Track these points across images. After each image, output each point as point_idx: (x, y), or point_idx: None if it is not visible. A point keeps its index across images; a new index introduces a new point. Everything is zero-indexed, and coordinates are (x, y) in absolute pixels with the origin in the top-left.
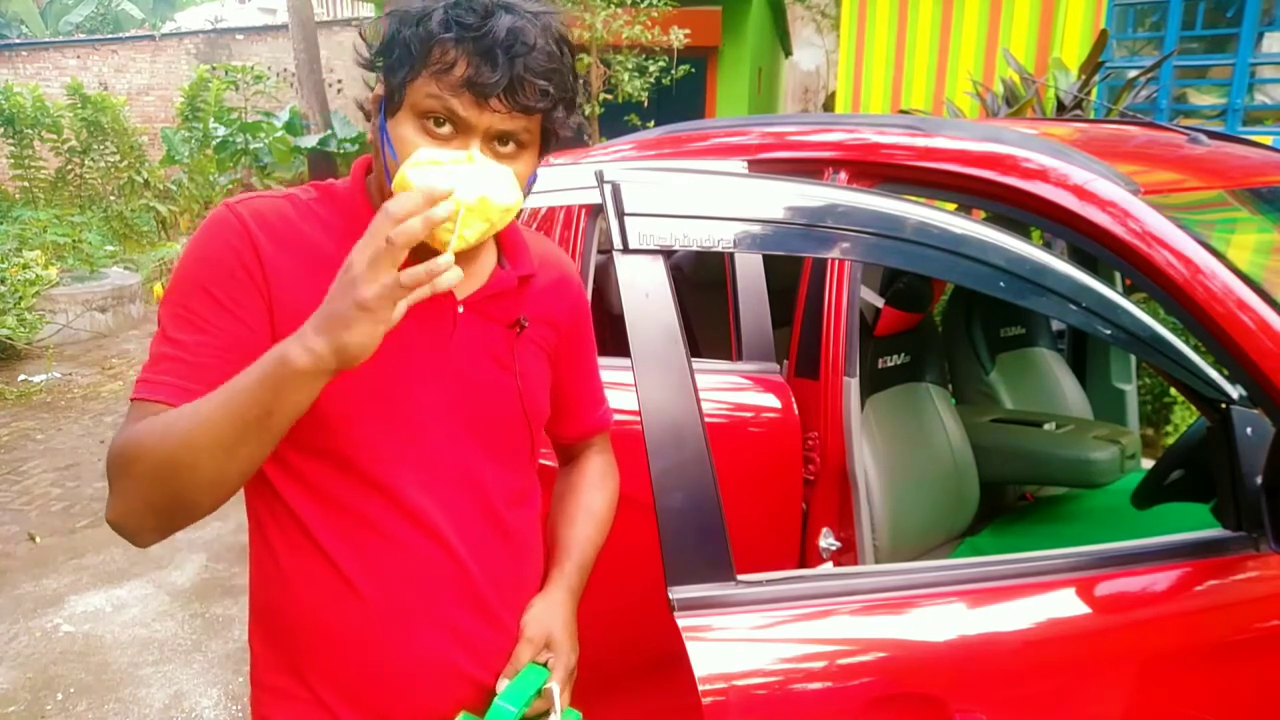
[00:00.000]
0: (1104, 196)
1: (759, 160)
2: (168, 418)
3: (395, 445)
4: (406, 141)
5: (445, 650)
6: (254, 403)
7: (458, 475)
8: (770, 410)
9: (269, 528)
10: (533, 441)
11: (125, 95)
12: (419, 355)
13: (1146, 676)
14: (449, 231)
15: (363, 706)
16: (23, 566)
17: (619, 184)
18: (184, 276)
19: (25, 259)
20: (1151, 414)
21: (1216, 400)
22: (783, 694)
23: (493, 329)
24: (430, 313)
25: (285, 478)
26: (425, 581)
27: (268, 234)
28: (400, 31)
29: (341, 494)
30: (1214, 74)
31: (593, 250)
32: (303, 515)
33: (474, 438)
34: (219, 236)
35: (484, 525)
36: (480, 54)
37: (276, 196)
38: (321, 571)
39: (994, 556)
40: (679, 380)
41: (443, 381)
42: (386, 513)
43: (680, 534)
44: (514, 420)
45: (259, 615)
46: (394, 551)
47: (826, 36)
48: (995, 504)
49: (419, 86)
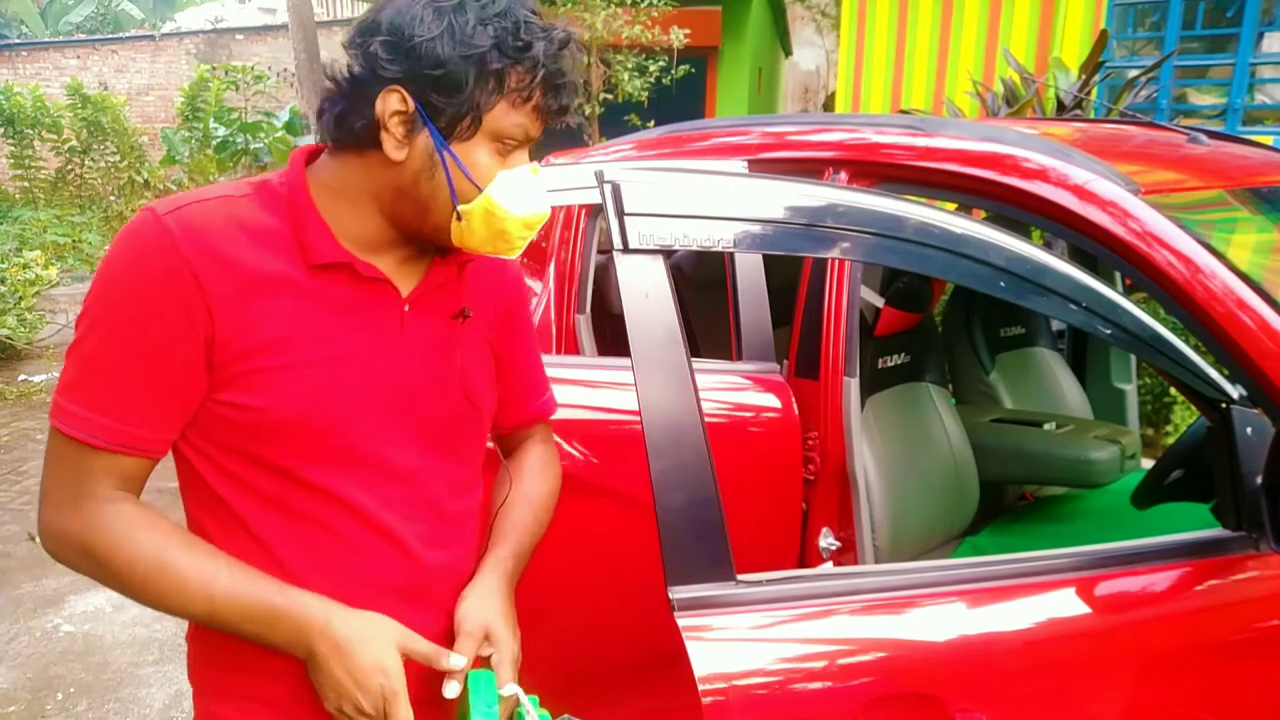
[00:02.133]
0: (1104, 196)
1: (759, 160)
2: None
3: (341, 451)
4: (486, 167)
5: None
6: (222, 617)
7: (404, 474)
8: (770, 410)
9: (209, 526)
10: (480, 434)
11: (125, 95)
12: (367, 360)
13: (1146, 676)
14: (524, 239)
15: (307, 700)
16: (23, 566)
17: (619, 184)
18: (112, 304)
19: (25, 259)
20: (1151, 414)
21: (1216, 400)
22: (783, 694)
23: (437, 323)
24: (378, 315)
25: (226, 481)
26: (371, 576)
27: (203, 250)
28: (484, 62)
29: (286, 497)
30: (1214, 74)
31: (593, 250)
32: (246, 516)
33: (421, 436)
34: (149, 263)
35: (430, 519)
36: (554, 85)
37: (210, 200)
38: (266, 569)
39: (994, 556)
40: (679, 380)
41: (390, 383)
42: (331, 512)
43: (680, 534)
44: (461, 415)
45: None
46: (340, 548)
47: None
48: (995, 504)
49: (500, 115)
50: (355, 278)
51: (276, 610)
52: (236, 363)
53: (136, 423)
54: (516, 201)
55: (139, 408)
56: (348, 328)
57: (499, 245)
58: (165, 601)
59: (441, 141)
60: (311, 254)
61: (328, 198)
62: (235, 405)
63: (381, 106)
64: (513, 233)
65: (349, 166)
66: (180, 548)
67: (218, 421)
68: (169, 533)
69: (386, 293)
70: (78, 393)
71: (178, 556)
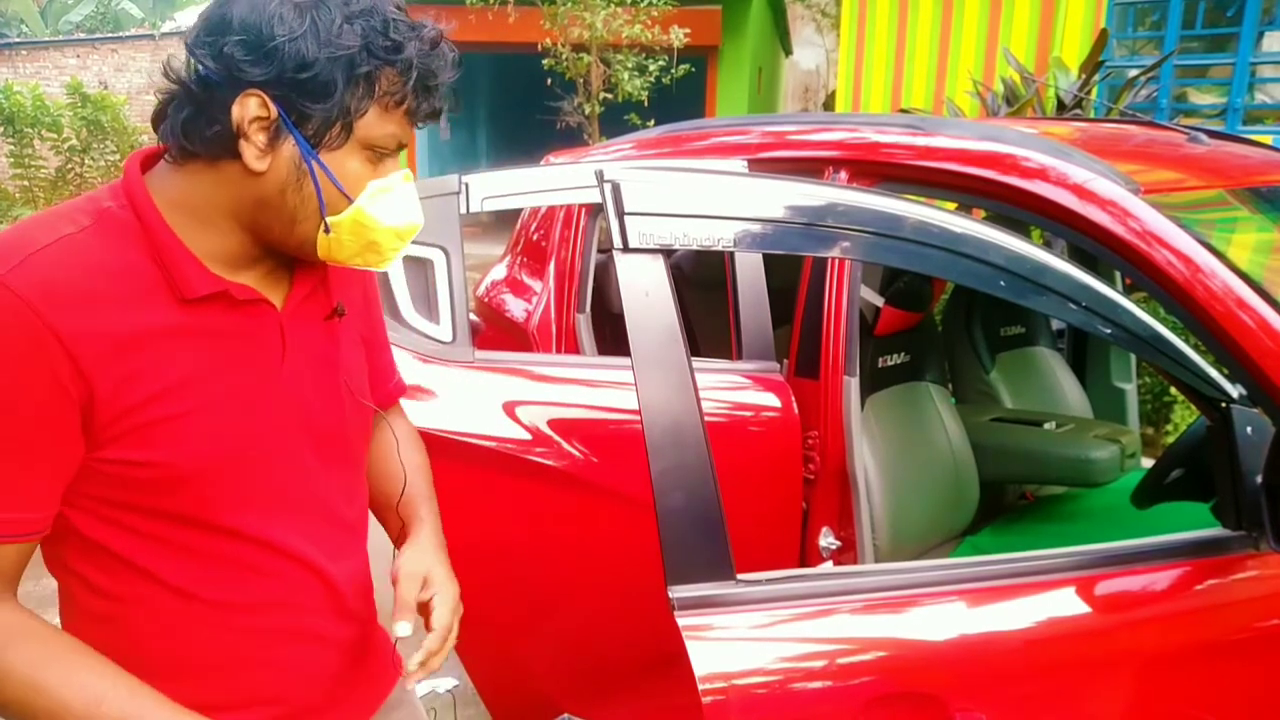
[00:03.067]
0: (1104, 196)
1: (759, 159)
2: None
3: (247, 488)
4: (356, 176)
5: (316, 657)
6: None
7: (304, 496)
8: (770, 410)
9: (93, 577)
10: (367, 433)
11: (125, 94)
12: (258, 387)
13: (1146, 676)
14: (396, 250)
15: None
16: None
17: (619, 183)
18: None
19: None
20: (1151, 413)
21: (1216, 399)
22: (783, 693)
23: (315, 328)
24: (258, 338)
25: (113, 532)
26: (285, 600)
27: (61, 307)
28: (354, 66)
29: (188, 539)
30: (1214, 73)
31: (593, 250)
32: (141, 562)
33: (318, 450)
34: (12, 344)
35: (333, 532)
36: (427, 86)
37: (51, 246)
38: (179, 614)
39: (994, 556)
40: (679, 380)
41: (284, 405)
42: (238, 548)
43: (680, 534)
44: (351, 418)
45: None
46: (251, 578)
47: (826, 36)
48: (995, 503)
49: (371, 122)
50: (231, 303)
51: (146, 713)
52: (123, 419)
53: (13, 508)
54: (389, 212)
55: (14, 492)
56: (232, 358)
57: (369, 258)
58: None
59: (309, 150)
60: (183, 288)
61: (180, 216)
62: (129, 462)
63: (239, 113)
64: (384, 244)
65: (199, 179)
66: (60, 666)
67: (105, 479)
68: (49, 646)
69: (263, 311)
70: None
71: (57, 677)
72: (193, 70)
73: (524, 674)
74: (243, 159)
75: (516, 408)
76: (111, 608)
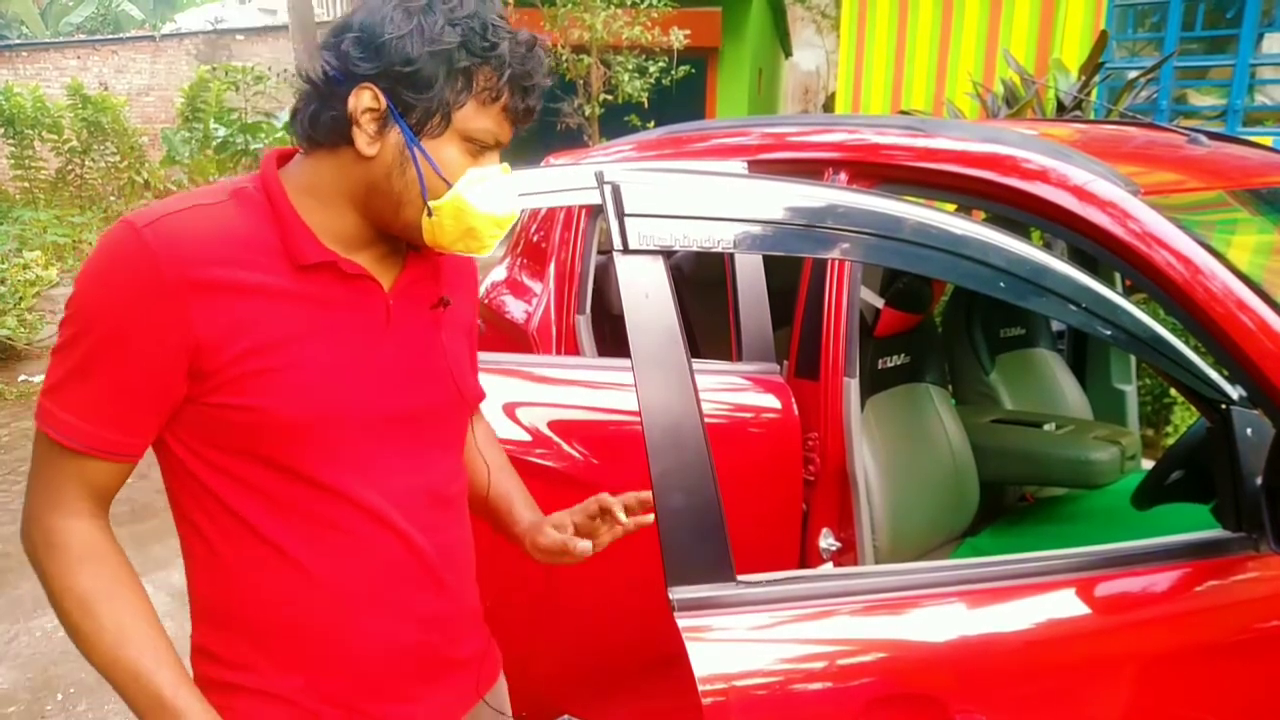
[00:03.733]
0: (1104, 197)
1: (759, 161)
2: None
3: (341, 446)
4: (454, 164)
5: (405, 631)
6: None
7: (403, 465)
8: (770, 411)
9: (208, 529)
10: (465, 420)
11: (125, 96)
12: (359, 354)
13: (1146, 677)
14: (495, 238)
15: (325, 695)
16: (23, 566)
17: (619, 184)
18: (91, 314)
19: (25, 259)
20: (1151, 414)
21: (1216, 401)
22: (783, 694)
23: (420, 314)
24: (365, 310)
25: (223, 481)
26: (380, 568)
27: (182, 261)
28: (452, 61)
29: (288, 494)
30: (1214, 75)
31: (593, 250)
32: (245, 514)
33: (415, 425)
34: (125, 276)
35: (430, 505)
36: (524, 88)
37: (186, 210)
38: (273, 566)
39: (994, 557)
40: (679, 381)
41: (382, 376)
42: (334, 507)
43: (680, 534)
44: (450, 402)
45: (208, 617)
46: (346, 542)
47: (826, 37)
48: (995, 504)
49: (470, 115)
50: (340, 275)
51: (164, 703)
52: (229, 367)
53: (108, 426)
54: (485, 199)
55: (112, 412)
56: (337, 324)
57: (470, 243)
58: (76, 639)
59: (412, 137)
60: (296, 256)
61: (305, 198)
62: (233, 407)
63: (354, 103)
64: (482, 230)
65: (323, 166)
66: (109, 598)
67: (215, 424)
68: (111, 575)
69: (370, 288)
70: (59, 395)
71: (105, 606)
72: (319, 70)
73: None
74: (355, 145)
75: (517, 409)
76: (213, 556)
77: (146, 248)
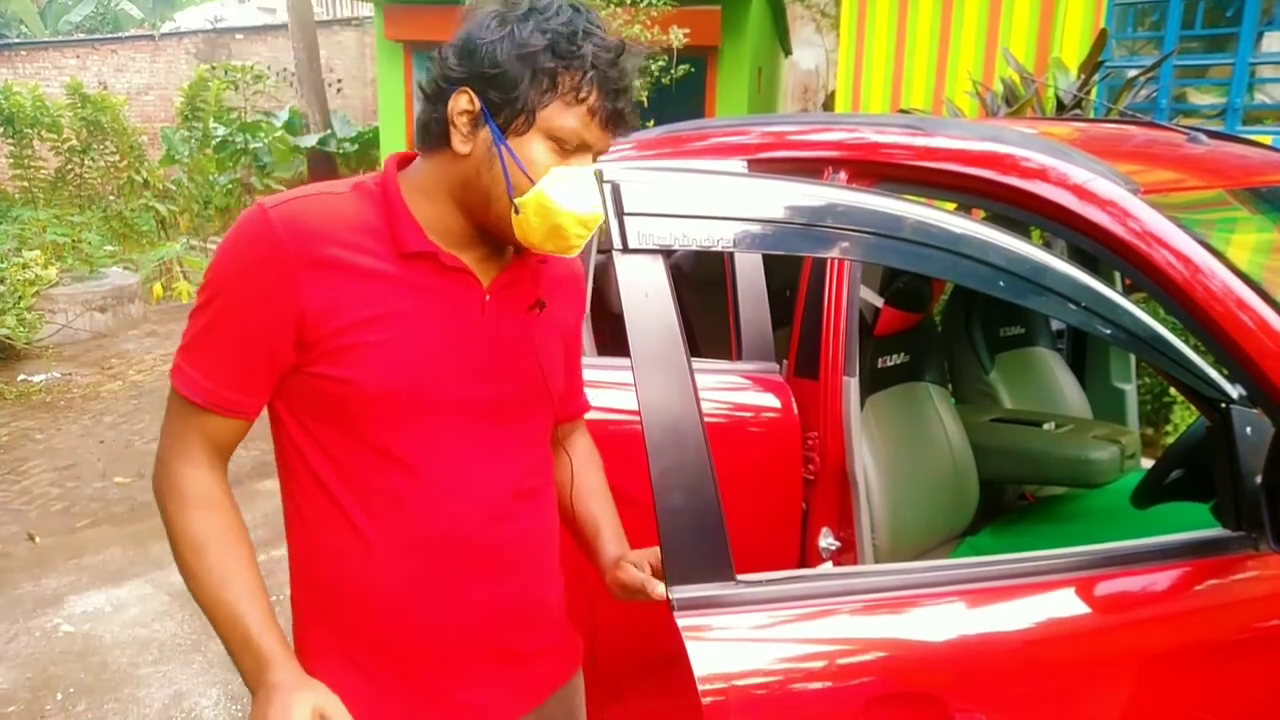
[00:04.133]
0: (1104, 196)
1: (759, 160)
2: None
3: (424, 430)
4: (539, 162)
5: (461, 615)
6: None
7: (482, 454)
8: (770, 410)
9: (296, 492)
10: (550, 419)
11: (125, 95)
12: (449, 340)
13: (1146, 676)
14: (581, 237)
15: (384, 656)
16: (23, 566)
17: (619, 184)
18: (220, 283)
19: (25, 259)
20: (1151, 414)
21: (1216, 400)
22: (783, 694)
23: (516, 313)
24: (460, 302)
25: (314, 448)
26: (440, 550)
27: (299, 238)
28: (537, 61)
29: (365, 466)
30: (1214, 73)
31: (593, 250)
32: (328, 481)
33: (498, 416)
34: (250, 250)
35: (506, 496)
36: (611, 88)
37: (310, 196)
38: (343, 533)
39: (994, 556)
40: (679, 380)
41: (470, 364)
42: (407, 485)
43: (680, 534)
44: (536, 399)
45: (295, 574)
46: (411, 519)
47: (826, 36)
48: (995, 504)
49: (554, 113)
50: (439, 267)
51: (250, 640)
52: (328, 340)
53: (227, 385)
54: (568, 197)
55: (231, 372)
56: (432, 310)
57: (557, 242)
58: (185, 578)
59: (499, 135)
60: (401, 244)
61: (415, 195)
62: (327, 377)
63: (452, 105)
64: (567, 229)
65: (430, 165)
66: (218, 545)
67: (312, 392)
68: (221, 524)
69: (468, 282)
70: (189, 354)
71: (214, 550)
72: (430, 79)
73: None
74: (452, 144)
75: None
76: (299, 516)
77: (270, 225)
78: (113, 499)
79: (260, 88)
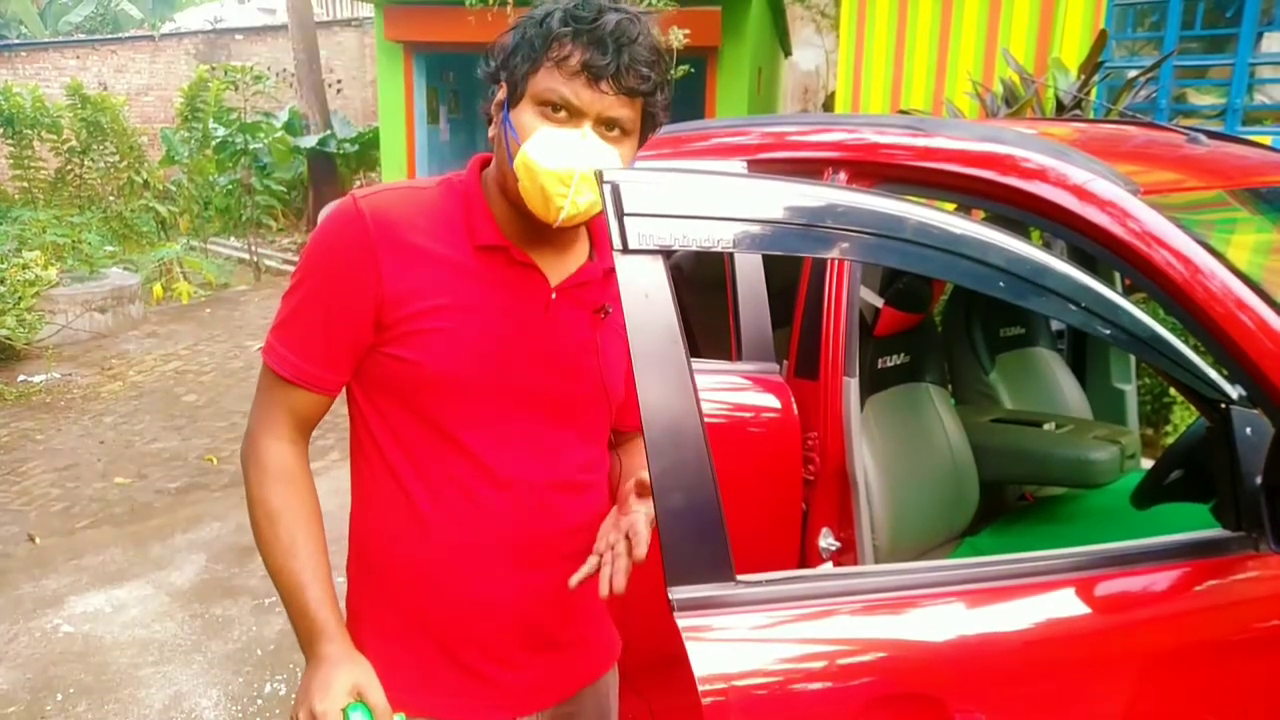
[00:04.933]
0: (1103, 196)
1: (759, 160)
2: (266, 494)
3: (483, 415)
4: (527, 126)
5: (501, 596)
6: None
7: (537, 445)
8: (770, 410)
9: (362, 465)
10: (608, 419)
11: (125, 95)
12: (513, 331)
13: (1146, 676)
14: (563, 196)
15: (429, 634)
16: (23, 567)
17: (619, 184)
18: (311, 266)
19: (25, 259)
20: (1151, 414)
21: (1216, 400)
22: (783, 694)
23: (580, 314)
24: (527, 296)
25: (383, 427)
26: (486, 531)
27: (384, 227)
28: (525, 33)
29: (424, 445)
30: (1213, 74)
31: None
32: (390, 455)
33: (557, 409)
34: (340, 236)
35: (558, 488)
36: (593, 44)
37: (399, 190)
38: (396, 505)
39: (994, 556)
40: (679, 380)
41: (534, 359)
42: (462, 466)
43: (680, 534)
44: (594, 398)
45: (351, 543)
46: (462, 500)
47: (826, 36)
48: (995, 504)
49: (539, 79)
50: (510, 261)
51: (307, 610)
52: (401, 323)
53: (313, 361)
54: (547, 154)
55: (317, 349)
56: (498, 301)
57: (549, 209)
58: (258, 544)
59: (506, 112)
60: (475, 236)
61: (491, 190)
62: (397, 358)
63: (491, 99)
64: (549, 189)
65: (494, 160)
66: (292, 518)
67: (384, 372)
68: (296, 498)
69: (536, 279)
70: (280, 332)
71: (287, 521)
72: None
73: None
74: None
75: None
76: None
77: (359, 214)
78: (113, 499)
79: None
